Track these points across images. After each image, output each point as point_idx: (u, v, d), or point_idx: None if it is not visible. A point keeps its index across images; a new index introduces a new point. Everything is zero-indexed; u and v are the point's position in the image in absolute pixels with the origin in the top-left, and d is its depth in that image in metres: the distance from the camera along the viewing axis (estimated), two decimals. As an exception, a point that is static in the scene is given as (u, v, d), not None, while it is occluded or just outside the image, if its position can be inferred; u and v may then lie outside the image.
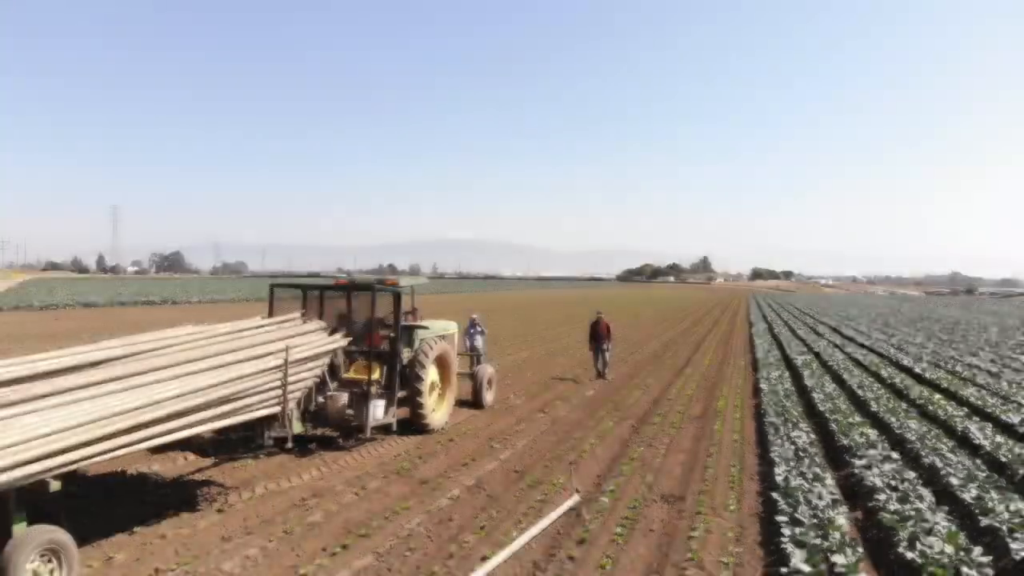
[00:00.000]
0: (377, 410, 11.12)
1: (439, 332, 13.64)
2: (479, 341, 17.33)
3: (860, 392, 16.67)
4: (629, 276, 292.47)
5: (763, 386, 17.38)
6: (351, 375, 11.52)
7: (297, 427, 10.33)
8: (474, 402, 14.50)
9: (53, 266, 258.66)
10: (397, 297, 11.61)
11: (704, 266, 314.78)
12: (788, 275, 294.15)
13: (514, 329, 35.39)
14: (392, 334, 11.76)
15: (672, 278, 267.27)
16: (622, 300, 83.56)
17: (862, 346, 29.63)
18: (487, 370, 14.72)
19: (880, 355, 25.78)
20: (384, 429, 11.40)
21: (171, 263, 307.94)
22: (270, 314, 11.16)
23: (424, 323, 12.97)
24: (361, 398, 10.84)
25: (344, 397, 10.99)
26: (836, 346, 28.89)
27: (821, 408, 14.64)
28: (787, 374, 19.58)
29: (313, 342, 9.11)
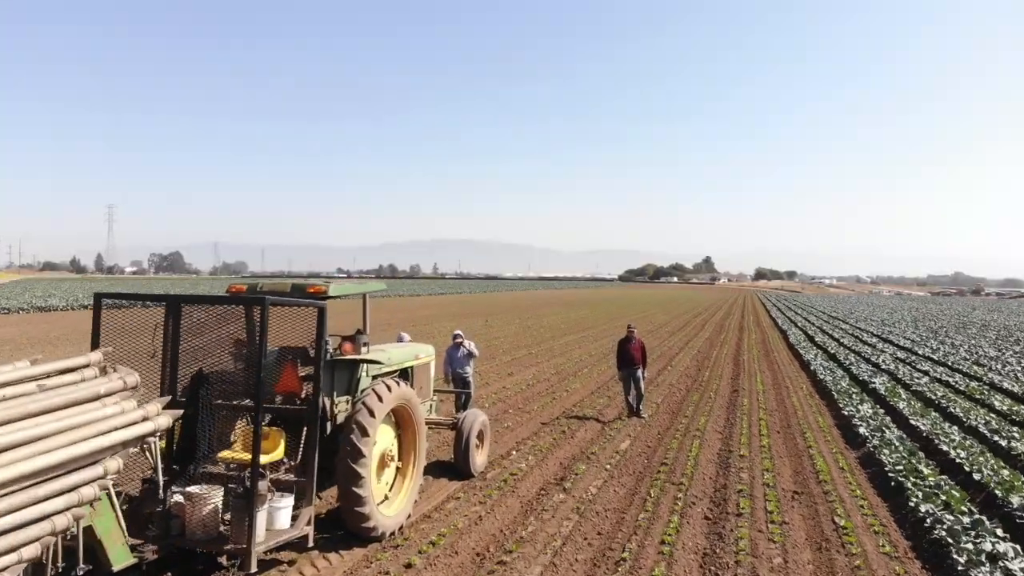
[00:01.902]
0: (276, 517, 6.30)
1: (401, 363, 8.87)
2: (467, 369, 12.47)
3: (1001, 441, 11.85)
4: (631, 276, 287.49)
5: (861, 430, 12.56)
6: (232, 452, 6.69)
7: (120, 557, 5.57)
8: (457, 467, 9.64)
9: (50, 266, 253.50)
10: (321, 314, 6.77)
11: (707, 266, 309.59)
12: (791, 275, 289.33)
13: (515, 338, 30.50)
14: (313, 374, 6.98)
15: (675, 278, 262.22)
16: (628, 301, 78.64)
17: (930, 360, 24.77)
18: (477, 419, 9.80)
19: (966, 375, 20.91)
20: (297, 541, 6.59)
21: (170, 263, 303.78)
22: (94, 344, 6.36)
23: (374, 354, 8.12)
24: (243, 499, 6.00)
25: (214, 499, 6.15)
26: (903, 362, 24.01)
27: (972, 473, 9.84)
28: (879, 409, 14.73)
29: (82, 429, 4.25)
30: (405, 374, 9.29)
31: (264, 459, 6.58)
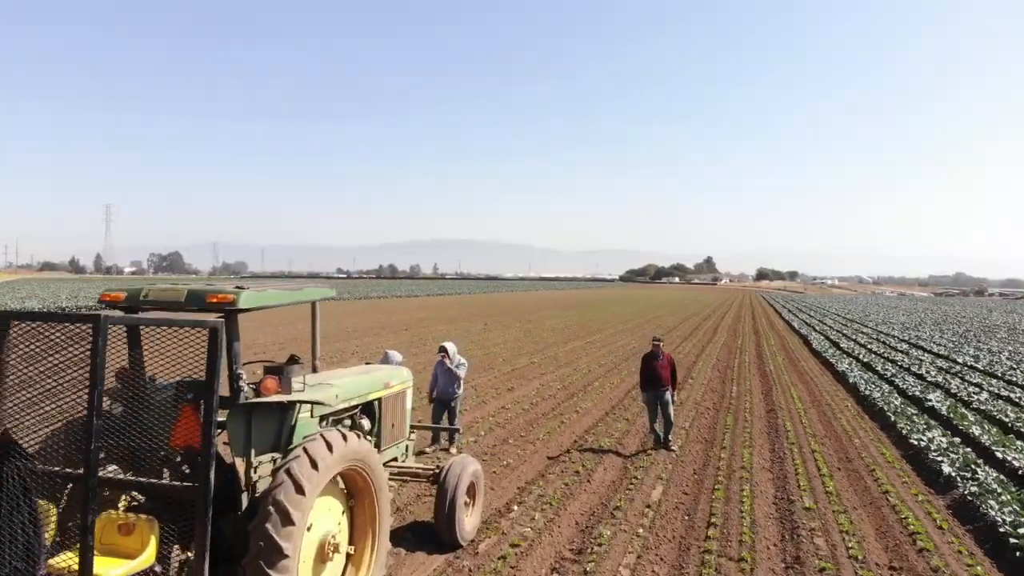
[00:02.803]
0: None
1: (364, 396, 6.54)
2: (453, 390, 10.07)
3: None
4: (632, 276, 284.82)
5: (945, 468, 10.16)
6: (64, 560, 4.27)
7: None
8: (439, 534, 7.18)
9: (49, 266, 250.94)
10: (213, 335, 4.34)
11: (709, 267, 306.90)
12: (793, 276, 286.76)
13: (516, 343, 28.07)
14: (203, 428, 4.55)
15: (676, 279, 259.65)
16: (631, 302, 76.18)
17: (976, 370, 22.35)
18: (466, 469, 7.32)
19: (1026, 389, 18.50)
20: None
21: (170, 263, 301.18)
22: None
23: (313, 390, 5.70)
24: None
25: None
26: (949, 373, 21.59)
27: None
28: (952, 437, 12.32)
29: None
30: (371, 409, 6.93)
31: (122, 569, 4.21)
